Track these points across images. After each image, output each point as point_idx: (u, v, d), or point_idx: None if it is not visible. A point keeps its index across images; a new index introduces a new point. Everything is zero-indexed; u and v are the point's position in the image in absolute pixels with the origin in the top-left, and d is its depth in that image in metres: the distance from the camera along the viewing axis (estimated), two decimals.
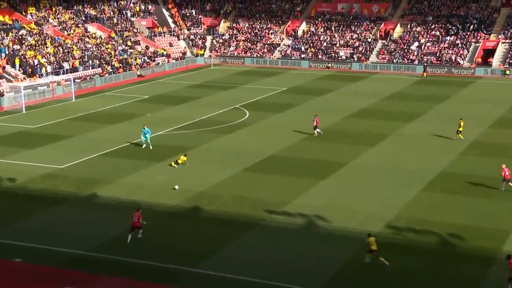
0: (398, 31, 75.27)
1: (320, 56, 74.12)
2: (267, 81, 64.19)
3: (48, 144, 39.29)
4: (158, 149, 38.11)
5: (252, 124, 44.91)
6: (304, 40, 76.80)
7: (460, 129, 39.91)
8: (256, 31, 79.97)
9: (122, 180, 32.56)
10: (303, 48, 75.59)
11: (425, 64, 67.88)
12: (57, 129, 43.08)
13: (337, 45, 75.06)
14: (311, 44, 75.87)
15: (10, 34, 61.39)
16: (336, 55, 73.41)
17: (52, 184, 31.96)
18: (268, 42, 77.82)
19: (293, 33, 78.50)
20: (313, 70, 71.13)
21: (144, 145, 38.29)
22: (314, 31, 78.04)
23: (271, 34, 79.17)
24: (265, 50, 76.71)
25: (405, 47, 72.42)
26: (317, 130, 41.18)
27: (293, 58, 74.77)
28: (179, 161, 34.92)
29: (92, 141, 40.21)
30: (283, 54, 75.92)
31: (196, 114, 47.71)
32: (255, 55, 76.37)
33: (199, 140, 40.44)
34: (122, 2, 79.94)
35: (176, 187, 31.38)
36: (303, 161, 36.00)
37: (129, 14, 78.35)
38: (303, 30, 78.70)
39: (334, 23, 78.23)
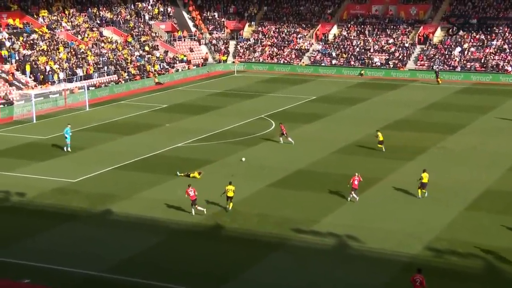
0: (438, 35, 74.85)
1: (352, 63, 74.04)
2: (294, 89, 64.29)
3: (60, 156, 39.87)
4: (177, 162, 38.41)
5: (278, 136, 44.91)
6: (335, 45, 76.84)
7: (380, 138, 40.08)
8: (284, 35, 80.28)
9: (138, 195, 32.87)
10: (334, 54, 75.61)
11: (437, 70, 67.93)
12: (70, 141, 43.61)
13: (371, 50, 74.92)
14: (342, 50, 75.86)
15: (21, 38, 62.60)
16: (370, 61, 73.25)
17: (63, 199, 32.41)
18: (296, 47, 78.03)
19: (323, 38, 78.61)
20: (344, 77, 71.07)
21: (68, 148, 40.13)
22: (346, 35, 78.05)
23: (300, 38, 79.40)
24: (293, 56, 76.92)
25: (446, 53, 71.96)
26: (289, 138, 41.75)
27: (323, 64, 74.82)
28: (191, 175, 35.14)
29: (106, 153, 40.70)
30: (312, 60, 76.03)
31: (218, 125, 47.97)
32: (282, 61, 76.62)
33: (221, 153, 40.63)
34: (140, 4, 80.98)
35: (243, 159, 34.14)
36: (334, 176, 35.88)
37: (147, 17, 79.31)
38: (334, 34, 78.75)
39: (368, 26, 78.14)
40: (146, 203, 31.74)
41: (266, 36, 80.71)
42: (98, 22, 73.16)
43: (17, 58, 59.69)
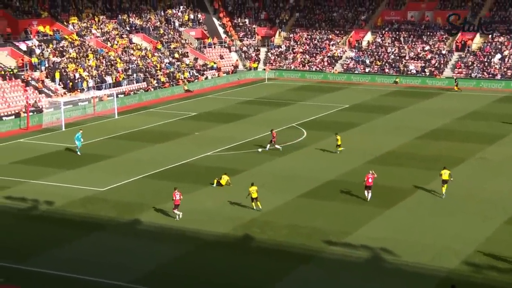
0: (477, 42, 73.97)
1: (387, 70, 73.62)
2: (327, 97, 64.15)
3: (88, 164, 40.40)
4: (206, 172, 38.58)
5: (309, 145, 44.89)
6: (369, 52, 76.51)
7: (339, 143, 41.76)
8: (316, 42, 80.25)
9: (166, 205, 33.08)
10: (367, 61, 75.28)
11: (456, 78, 67.78)
12: (98, 149, 44.26)
13: (407, 57, 74.39)
14: (377, 57, 75.49)
15: (51, 45, 63.71)
16: (405, 69, 72.73)
17: (92, 208, 32.81)
18: (329, 55, 77.91)
19: (356, 45, 78.34)
20: (378, 85, 70.67)
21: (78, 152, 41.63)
22: (381, 42, 77.67)
23: (332, 45, 79.28)
24: (326, 63, 76.81)
25: (485, 60, 71.06)
26: (276, 146, 42.60)
27: (356, 72, 74.54)
28: (222, 182, 35.35)
29: (135, 162, 41.10)
30: (345, 67, 75.80)
31: (248, 134, 48.08)
32: (314, 69, 76.56)
33: (251, 162, 40.70)
34: (170, 11, 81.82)
35: (260, 149, 35.80)
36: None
37: (176, 24, 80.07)
38: (368, 41, 78.44)
39: (403, 33, 77.64)
40: (173, 213, 31.87)
41: (298, 43, 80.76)
42: (128, 29, 74.10)
43: (46, 65, 60.74)
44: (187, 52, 75.08)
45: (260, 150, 41.17)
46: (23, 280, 25.30)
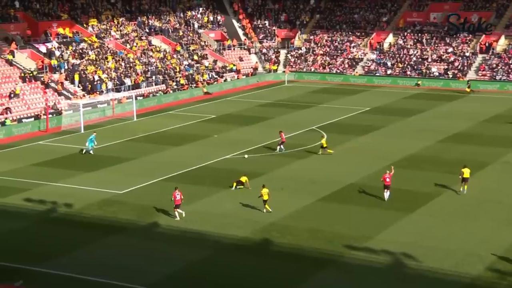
0: (502, 44, 73.23)
1: (408, 72, 73.15)
2: (347, 100, 63.90)
3: (107, 167, 40.60)
4: (225, 175, 38.57)
5: (330, 148, 44.69)
6: (390, 54, 76.10)
7: (324, 145, 42.11)
8: (336, 44, 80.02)
9: (185, 207, 33.09)
10: (389, 63, 74.87)
11: (468, 80, 67.70)
12: (116, 151, 44.48)
13: (429, 60, 73.87)
14: (398, 59, 75.06)
15: (70, 47, 64.23)
16: (428, 71, 72.21)
17: (110, 211, 32.95)
18: (350, 57, 77.64)
19: (378, 46, 77.98)
20: (400, 88, 70.24)
21: (91, 151, 42.70)
22: (403, 44, 77.21)
23: (353, 47, 78.98)
24: (346, 66, 76.54)
25: (510, 62, 70.31)
26: (281, 147, 43.25)
27: (377, 74, 74.17)
28: (242, 180, 35.82)
29: (153, 165, 41.23)
30: (366, 69, 75.48)
31: (268, 136, 48.01)
32: (334, 71, 76.33)
33: (270, 165, 40.65)
34: (189, 13, 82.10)
35: (246, 156, 35.80)
36: None
37: (196, 26, 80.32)
38: (390, 43, 78.03)
39: (425, 35, 77.12)
40: (193, 216, 31.94)
41: (318, 44, 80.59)
42: (147, 30, 74.48)
43: (66, 67, 61.22)
44: (206, 54, 75.25)
45: (246, 156, 41.34)
46: (41, 282, 25.48)
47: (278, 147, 43.54)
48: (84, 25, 69.34)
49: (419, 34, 77.36)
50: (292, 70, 77.48)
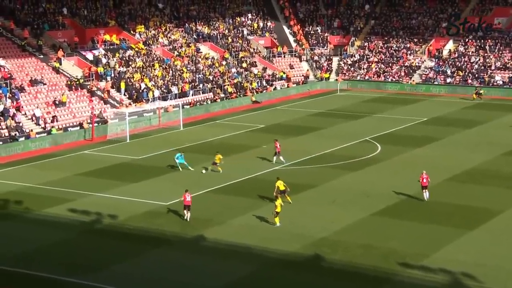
0: None
1: (470, 81, 71.90)
2: (403, 109, 63.21)
3: (152, 177, 41.09)
4: (274, 187, 38.50)
5: (384, 160, 44.28)
6: (450, 62, 74.98)
7: (217, 161, 41.27)
8: (392, 51, 79.33)
9: (232, 221, 33.25)
10: (449, 71, 73.77)
11: (477, 86, 67.03)
12: (162, 161, 44.97)
13: (492, 67, 72.46)
14: (459, 67, 73.88)
15: (117, 55, 65.46)
16: (491, 80, 70.82)
17: (155, 223, 33.30)
18: (406, 64, 76.84)
19: (437, 53, 76.96)
20: (460, 97, 69.08)
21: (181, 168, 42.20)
22: (464, 51, 75.99)
23: (410, 54, 78.16)
24: (402, 74, 75.76)
25: None
26: (280, 157, 43.09)
27: (436, 83, 73.17)
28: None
29: (200, 176, 41.53)
30: (424, 78, 74.55)
31: (319, 147, 47.86)
32: (390, 79, 75.63)
33: (322, 177, 40.47)
34: (238, 19, 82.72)
35: (204, 171, 36.85)
36: (447, 206, 34.87)
37: (245, 32, 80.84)
38: (450, 49, 76.92)
39: (489, 41, 75.72)
40: (239, 229, 32.03)
41: (373, 52, 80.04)
42: (195, 37, 75.32)
43: (112, 75, 62.38)
44: (256, 62, 75.60)
45: (204, 171, 41.26)
46: None
47: (275, 157, 43.35)
48: (131, 31, 70.60)
49: (482, 41, 76.05)
50: (345, 78, 77.10)
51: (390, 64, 77.50)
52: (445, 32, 78.76)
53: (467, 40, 76.87)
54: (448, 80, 72.87)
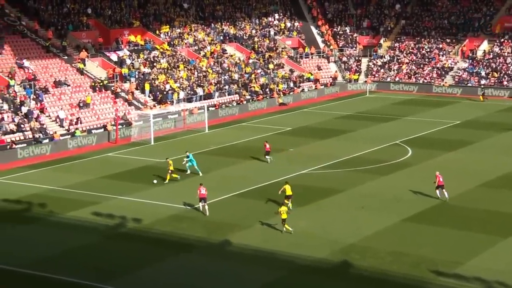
0: None
1: (505, 83, 71.13)
2: (435, 112, 62.72)
3: (177, 181, 41.24)
4: (301, 191, 38.51)
5: (415, 165, 43.98)
6: (484, 63, 74.23)
7: (171, 168, 40.68)
8: (424, 52, 78.78)
9: (258, 225, 33.23)
10: (483, 73, 73.03)
11: (482, 86, 66.58)
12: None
13: None
14: (493, 68, 73.10)
15: (141, 55, 65.90)
16: None
17: (180, 227, 33.44)
18: (438, 65, 76.24)
19: (470, 54, 76.24)
20: (495, 99, 68.32)
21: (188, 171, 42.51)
22: (499, 51, 75.18)
23: (442, 55, 77.54)
24: (434, 75, 75.19)
25: None
26: (268, 157, 44.53)
27: (469, 84, 72.46)
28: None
29: (225, 179, 41.63)
30: (456, 79, 73.90)
31: (347, 151, 47.68)
32: (421, 81, 75.11)
33: (350, 182, 40.31)
34: (265, 19, 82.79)
35: (155, 181, 39.29)
36: (481, 212, 34.54)
37: (272, 33, 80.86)
38: (484, 50, 76.16)
39: None
40: (266, 234, 32.02)
41: (404, 52, 79.55)
42: (221, 38, 75.52)
43: (136, 76, 62.79)
44: (283, 63, 75.58)
45: (155, 181, 41.01)
46: None
47: (269, 158, 44.61)
48: (157, 32, 71.04)
49: None
50: (375, 80, 76.72)
51: (422, 65, 76.95)
52: (479, 32, 77.99)
53: (502, 40, 76.01)
54: (482, 81, 72.09)
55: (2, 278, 27.92)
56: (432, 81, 74.42)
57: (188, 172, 42.43)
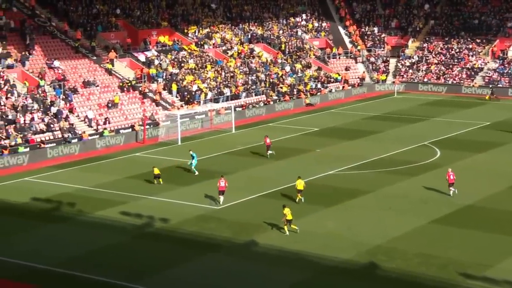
0: None
1: None
2: (464, 113, 62.16)
3: (203, 181, 41.43)
4: (328, 192, 38.51)
5: (443, 166, 43.56)
6: None
7: (156, 172, 40.96)
8: (453, 52, 78.09)
9: (285, 226, 33.24)
10: None
11: (491, 86, 66.58)
12: (214, 164, 45.32)
13: None
14: None
15: (169, 56, 66.31)
16: None
17: (206, 227, 33.60)
18: (468, 66, 75.52)
19: (501, 55, 75.39)
20: None
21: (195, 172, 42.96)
22: None
23: (472, 55, 76.79)
24: (464, 76, 74.48)
25: None
26: (270, 151, 46.07)
27: (499, 85, 71.65)
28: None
29: (252, 180, 41.73)
30: (486, 80, 73.12)
31: (375, 152, 47.48)
32: (450, 82, 74.46)
33: (377, 183, 40.16)
34: (292, 20, 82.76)
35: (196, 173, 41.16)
36: (510, 214, 34.20)
37: (299, 33, 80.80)
38: None
39: None
40: (293, 235, 32.02)
41: (432, 53, 78.95)
42: (249, 38, 75.64)
43: (164, 76, 63.20)
44: (310, 63, 75.47)
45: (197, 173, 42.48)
46: None
47: (270, 153, 46.31)
48: (185, 30, 71.40)
49: None
50: (403, 81, 76.25)
51: (451, 66, 76.28)
52: (511, 32, 77.08)
53: None
54: None
55: (32, 276, 28.32)
56: (461, 81, 73.73)
57: (196, 173, 42.61)
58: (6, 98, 51.94)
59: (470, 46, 77.87)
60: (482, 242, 30.79)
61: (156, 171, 40.78)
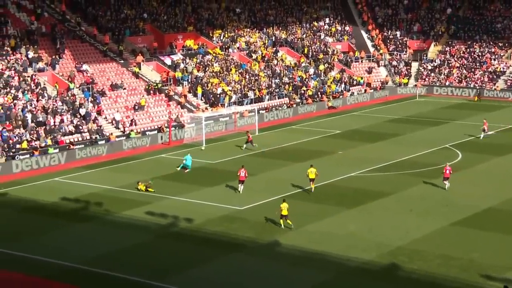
0: None
1: None
2: (487, 116, 61.40)
3: (227, 182, 41.49)
4: (350, 193, 38.34)
5: (465, 169, 43.27)
6: None
7: (142, 188, 40.12)
8: (475, 55, 77.34)
9: (307, 227, 33.19)
10: None
11: (477, 88, 67.02)
12: (238, 166, 45.21)
13: None
14: None
15: (194, 59, 66.60)
16: None
17: (230, 227, 33.63)
18: (490, 69, 74.75)
19: None
20: None
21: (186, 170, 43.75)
22: None
23: (494, 59, 75.99)
24: (485, 79, 73.74)
25: None
26: (254, 144, 48.81)
27: None
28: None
29: (275, 181, 41.68)
30: (509, 83, 72.32)
31: (396, 154, 47.20)
32: (472, 85, 73.77)
33: (399, 185, 39.91)
34: (316, 24, 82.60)
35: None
36: None
37: (322, 37, 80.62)
38: None
39: None
40: (315, 236, 31.95)
41: (454, 56, 78.28)
42: (272, 41, 75.65)
43: (189, 80, 63.48)
44: (333, 67, 75.25)
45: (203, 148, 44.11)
46: None
47: (246, 145, 48.91)
48: (210, 34, 71.64)
49: None
50: (425, 84, 75.72)
51: (473, 70, 75.57)
52: None
53: None
54: None
55: (59, 274, 28.57)
56: (483, 85, 72.99)
57: (187, 170, 43.79)
58: (37, 100, 52.51)
59: (493, 50, 77.07)
60: (503, 244, 30.46)
61: (142, 186, 39.95)
